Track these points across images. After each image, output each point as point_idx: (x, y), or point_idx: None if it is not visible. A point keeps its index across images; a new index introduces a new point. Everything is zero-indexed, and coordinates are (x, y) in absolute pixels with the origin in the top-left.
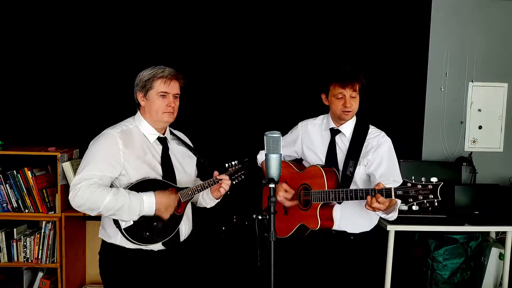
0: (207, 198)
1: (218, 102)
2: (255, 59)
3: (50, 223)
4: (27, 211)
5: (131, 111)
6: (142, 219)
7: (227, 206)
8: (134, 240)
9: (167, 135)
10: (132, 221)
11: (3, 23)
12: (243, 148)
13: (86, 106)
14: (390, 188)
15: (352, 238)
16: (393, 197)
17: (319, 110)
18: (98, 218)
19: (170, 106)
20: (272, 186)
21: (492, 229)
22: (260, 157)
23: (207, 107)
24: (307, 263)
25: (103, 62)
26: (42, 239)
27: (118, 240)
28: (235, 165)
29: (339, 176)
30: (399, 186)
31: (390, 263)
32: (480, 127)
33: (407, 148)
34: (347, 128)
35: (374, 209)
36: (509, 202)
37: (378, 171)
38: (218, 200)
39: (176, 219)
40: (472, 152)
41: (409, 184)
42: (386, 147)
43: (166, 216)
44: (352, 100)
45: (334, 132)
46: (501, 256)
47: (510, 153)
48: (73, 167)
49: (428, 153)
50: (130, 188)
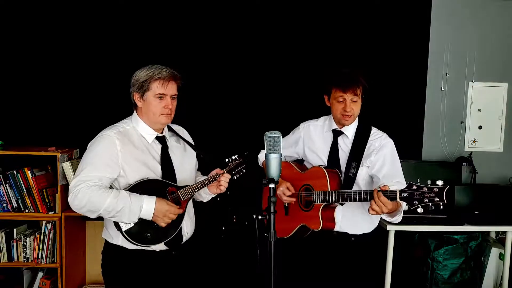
0: (203, 193)
1: (219, 102)
2: (255, 59)
3: (50, 223)
4: (27, 211)
5: (131, 111)
6: (143, 220)
7: (227, 206)
8: (136, 242)
9: (165, 133)
10: (133, 222)
11: (3, 23)
12: (244, 147)
13: (86, 106)
14: (395, 190)
15: (353, 239)
16: (398, 199)
17: (319, 110)
18: (98, 218)
19: (168, 107)
20: (272, 186)
21: (492, 229)
22: (261, 156)
23: (207, 107)
24: (307, 263)
25: (103, 62)
26: (42, 239)
27: (120, 241)
28: (235, 159)
29: (341, 177)
30: (405, 188)
31: (390, 263)
32: (480, 127)
33: (407, 148)
34: (350, 129)
35: (378, 212)
36: (509, 202)
37: (381, 172)
38: (214, 195)
39: (178, 218)
40: (472, 152)
41: (414, 187)
42: (388, 148)
43: (162, 224)
44: (353, 104)
45: (337, 133)
46: (501, 256)
47: (510, 153)
48: (73, 167)
49: (428, 153)
50: (129, 189)
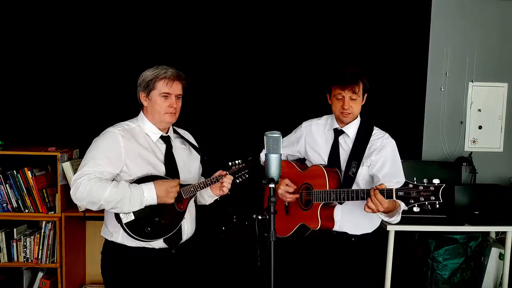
0: (206, 195)
1: (220, 102)
2: (256, 59)
3: (50, 223)
4: (27, 211)
5: (131, 111)
6: (144, 214)
7: (227, 206)
8: (135, 235)
9: (170, 133)
10: (133, 215)
11: (3, 23)
12: (245, 147)
13: (86, 106)
14: (391, 189)
15: (353, 239)
16: (394, 197)
17: (320, 110)
18: (98, 218)
19: (172, 107)
20: (272, 186)
21: (492, 229)
22: (263, 155)
23: (208, 107)
24: (307, 263)
25: (103, 62)
26: (42, 239)
27: (120, 237)
28: (238, 164)
29: (341, 176)
30: (401, 187)
31: (390, 263)
32: (480, 127)
33: (407, 148)
34: (351, 129)
35: (374, 210)
36: (509, 202)
37: (381, 172)
38: (216, 197)
39: (178, 216)
40: (472, 152)
41: (410, 185)
42: (390, 148)
43: (170, 200)
44: (352, 102)
45: (338, 132)
46: (501, 256)
47: (510, 153)
48: (73, 167)
49: (428, 153)
50: (131, 182)
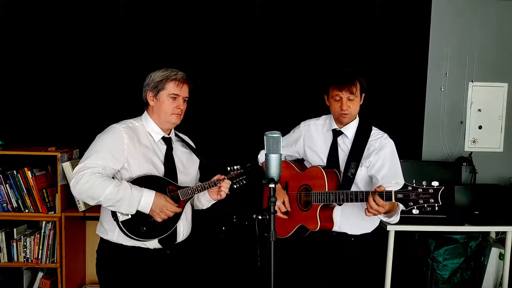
0: (203, 199)
1: (219, 102)
2: (256, 60)
3: (50, 223)
4: (27, 211)
5: (131, 111)
6: (140, 214)
7: (227, 206)
8: (131, 234)
9: (172, 136)
10: (130, 214)
11: (3, 23)
12: (245, 148)
13: (86, 106)
14: (391, 191)
15: (352, 239)
16: (393, 200)
17: (319, 110)
18: (98, 218)
19: (179, 108)
20: (272, 186)
21: (492, 229)
22: (261, 156)
23: (208, 108)
24: (307, 263)
25: (103, 62)
26: (42, 239)
27: (115, 236)
28: (237, 169)
29: (340, 177)
30: (400, 189)
31: (390, 263)
32: (480, 127)
33: (407, 148)
34: (350, 129)
35: (375, 212)
36: (509, 202)
37: (380, 173)
38: (214, 202)
39: (174, 217)
40: (472, 152)
41: (409, 188)
42: (388, 149)
43: (159, 219)
44: (350, 103)
45: (337, 133)
46: (501, 256)
47: (510, 153)
48: (73, 167)
49: (428, 153)
50: (131, 182)
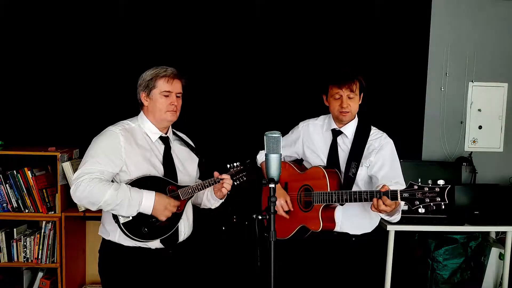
0: (211, 199)
1: (219, 102)
2: (255, 59)
3: (50, 223)
4: (27, 211)
5: (131, 111)
6: (141, 215)
7: (227, 206)
8: (132, 236)
9: (170, 135)
10: (131, 216)
11: (3, 23)
12: (244, 148)
13: (86, 106)
14: (396, 191)
15: (353, 239)
16: (399, 199)
17: (319, 110)
18: (98, 218)
19: (173, 104)
20: (272, 186)
21: (492, 229)
22: (260, 157)
23: (207, 108)
24: (307, 263)
25: (103, 62)
26: (42, 239)
27: (117, 237)
28: (236, 166)
29: (341, 177)
30: (405, 188)
31: (390, 263)
32: (480, 127)
33: (407, 148)
34: (349, 129)
35: (381, 211)
36: (509, 202)
37: (380, 173)
38: (222, 200)
39: (175, 217)
40: (472, 152)
41: (415, 187)
42: (388, 148)
43: (163, 217)
44: (350, 101)
45: (336, 133)
46: (501, 256)
47: (510, 153)
48: (73, 167)
49: (428, 153)
50: (131, 184)
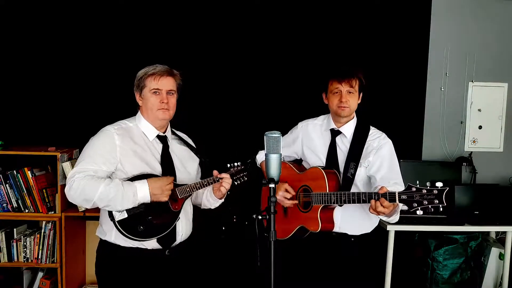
0: (211, 199)
1: (218, 102)
2: (255, 59)
3: (50, 223)
4: (27, 211)
5: (131, 111)
6: (137, 212)
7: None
8: (128, 234)
9: (168, 134)
10: (126, 213)
11: (3, 23)
12: (244, 148)
13: (86, 106)
14: (394, 193)
15: (352, 240)
16: (397, 201)
17: (319, 110)
18: (98, 218)
19: (163, 102)
20: (272, 186)
21: (492, 229)
22: (260, 157)
23: (207, 108)
24: (307, 263)
25: (103, 62)
26: (42, 239)
27: (113, 237)
28: (237, 166)
29: (340, 178)
30: (404, 190)
31: (390, 263)
32: (480, 127)
33: (407, 148)
34: (348, 129)
35: (379, 213)
36: (509, 202)
37: (379, 173)
38: (222, 201)
39: (172, 216)
40: (472, 152)
41: (413, 189)
42: (387, 149)
43: (164, 198)
44: (349, 96)
45: (335, 133)
46: (501, 256)
47: (510, 153)
48: (73, 167)
49: (428, 153)
50: (126, 180)
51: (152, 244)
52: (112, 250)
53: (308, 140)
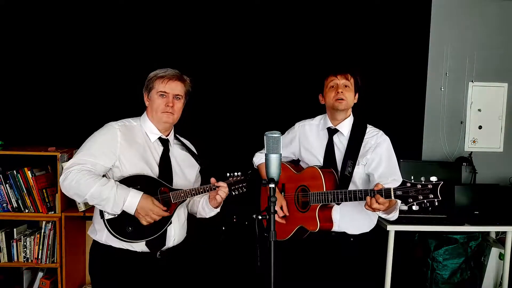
0: (206, 207)
1: (218, 103)
2: (255, 60)
3: (50, 223)
4: (27, 211)
5: (131, 112)
6: (127, 213)
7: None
8: (116, 234)
9: (170, 138)
10: (116, 214)
11: (3, 23)
12: (244, 150)
13: (86, 106)
14: (389, 189)
15: (351, 239)
16: (392, 197)
17: (319, 110)
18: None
19: (169, 105)
20: (272, 186)
21: (492, 229)
22: (256, 159)
23: (206, 108)
24: (307, 263)
25: (103, 62)
26: (42, 239)
27: (104, 237)
28: (236, 176)
29: (337, 176)
30: (399, 186)
31: (390, 263)
32: (480, 127)
33: (407, 148)
34: (345, 127)
35: (374, 209)
36: (509, 202)
37: (378, 170)
38: (217, 210)
39: (163, 220)
40: (472, 152)
41: (408, 184)
42: (385, 146)
43: (144, 222)
44: (345, 90)
45: (332, 131)
46: (501, 256)
47: (510, 153)
48: None
49: (428, 153)
50: (122, 180)
51: (141, 247)
52: (103, 250)
53: (305, 141)
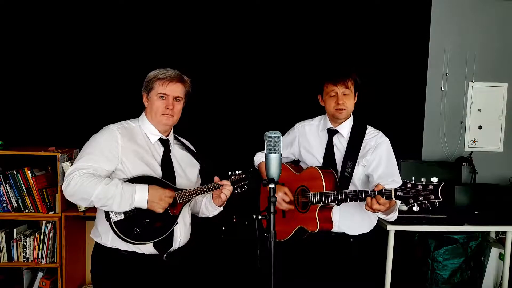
0: (210, 206)
1: (218, 103)
2: (255, 60)
3: (50, 223)
4: (27, 211)
5: (131, 112)
6: (134, 214)
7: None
8: (123, 236)
9: (170, 138)
10: (123, 215)
11: (3, 23)
12: (244, 150)
13: (86, 106)
14: (390, 189)
15: (351, 240)
16: (393, 198)
17: (318, 110)
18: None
19: (168, 108)
20: (272, 186)
21: (492, 229)
22: (257, 158)
23: (207, 108)
24: (307, 263)
25: (104, 62)
26: (42, 239)
27: (109, 240)
28: (238, 174)
29: (337, 177)
30: (399, 187)
31: (390, 263)
32: (480, 127)
33: (407, 148)
34: (345, 128)
35: (374, 210)
36: (509, 202)
37: (377, 171)
38: (221, 209)
39: (170, 220)
40: (472, 152)
41: (409, 185)
42: (384, 147)
43: (160, 209)
44: (345, 98)
45: (332, 132)
46: (501, 256)
47: (510, 153)
48: None
49: (428, 153)
50: (125, 182)
51: (148, 249)
52: (107, 254)
53: (305, 141)
